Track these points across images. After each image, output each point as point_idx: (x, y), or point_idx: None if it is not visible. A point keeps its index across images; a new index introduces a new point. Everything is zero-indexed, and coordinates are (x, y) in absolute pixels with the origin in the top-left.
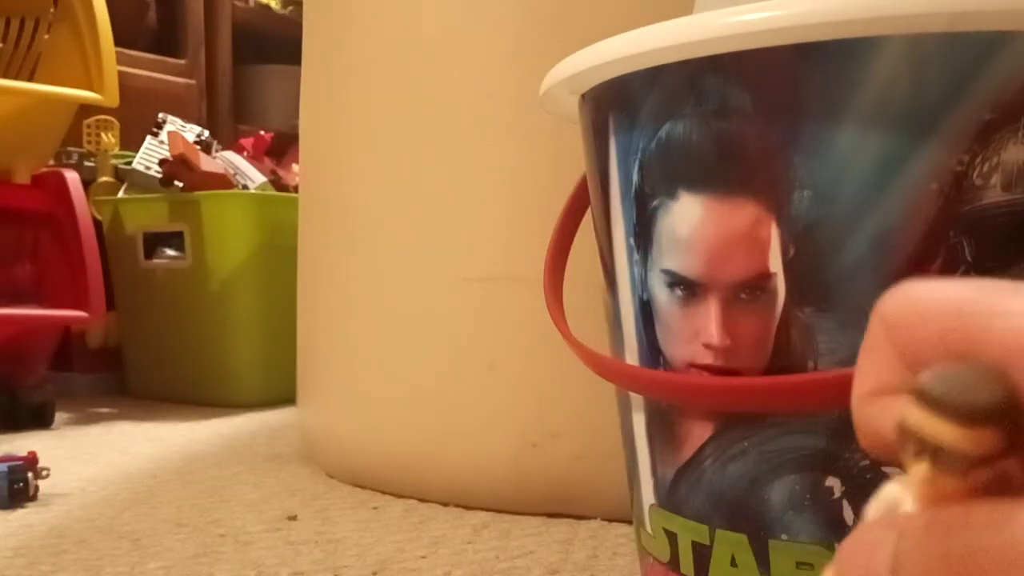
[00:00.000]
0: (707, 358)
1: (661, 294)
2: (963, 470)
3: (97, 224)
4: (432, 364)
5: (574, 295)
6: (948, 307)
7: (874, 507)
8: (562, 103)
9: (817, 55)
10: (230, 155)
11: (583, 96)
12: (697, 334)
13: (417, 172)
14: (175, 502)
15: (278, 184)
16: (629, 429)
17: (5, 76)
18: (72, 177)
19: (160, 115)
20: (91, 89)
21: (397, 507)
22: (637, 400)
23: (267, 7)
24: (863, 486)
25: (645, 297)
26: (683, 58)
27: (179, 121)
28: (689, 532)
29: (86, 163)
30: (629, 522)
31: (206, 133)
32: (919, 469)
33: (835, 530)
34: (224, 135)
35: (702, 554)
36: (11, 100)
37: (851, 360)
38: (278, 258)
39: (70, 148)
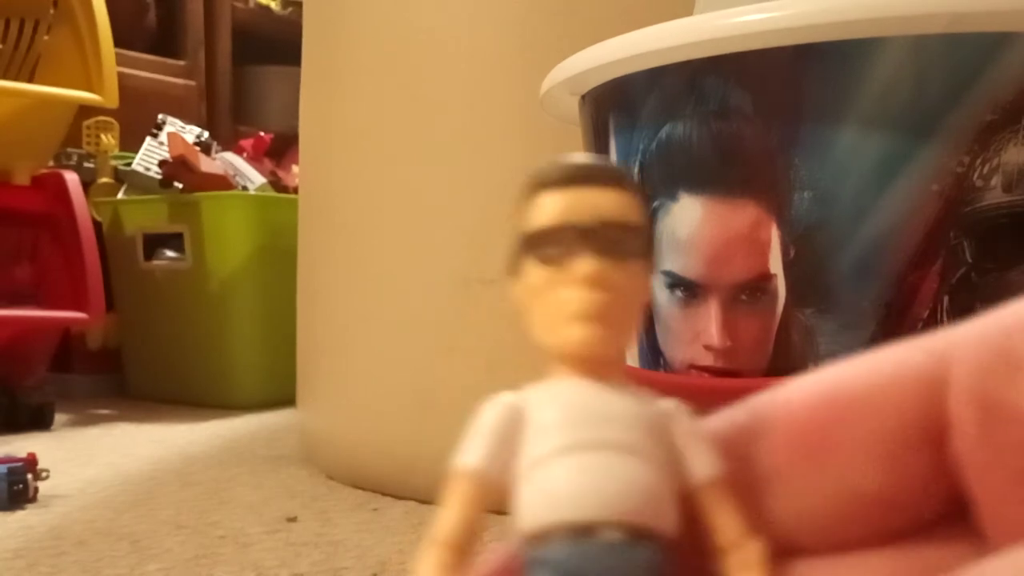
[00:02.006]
0: (707, 359)
1: (661, 296)
2: (639, 243)
3: (97, 225)
4: (431, 366)
5: None
6: None
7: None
8: (562, 104)
9: (818, 56)
10: (230, 156)
11: (583, 97)
12: (697, 336)
13: (417, 173)
14: (175, 504)
15: (278, 185)
16: None
17: (5, 77)
18: (72, 178)
19: (160, 116)
20: (91, 90)
21: (397, 508)
22: None
23: (267, 8)
24: None
25: None
26: (684, 59)
27: (179, 122)
28: None
29: (86, 164)
30: None
31: (206, 134)
32: (579, 270)
33: None
34: (224, 136)
35: None
36: (11, 101)
37: None
38: (278, 259)
39: (70, 149)
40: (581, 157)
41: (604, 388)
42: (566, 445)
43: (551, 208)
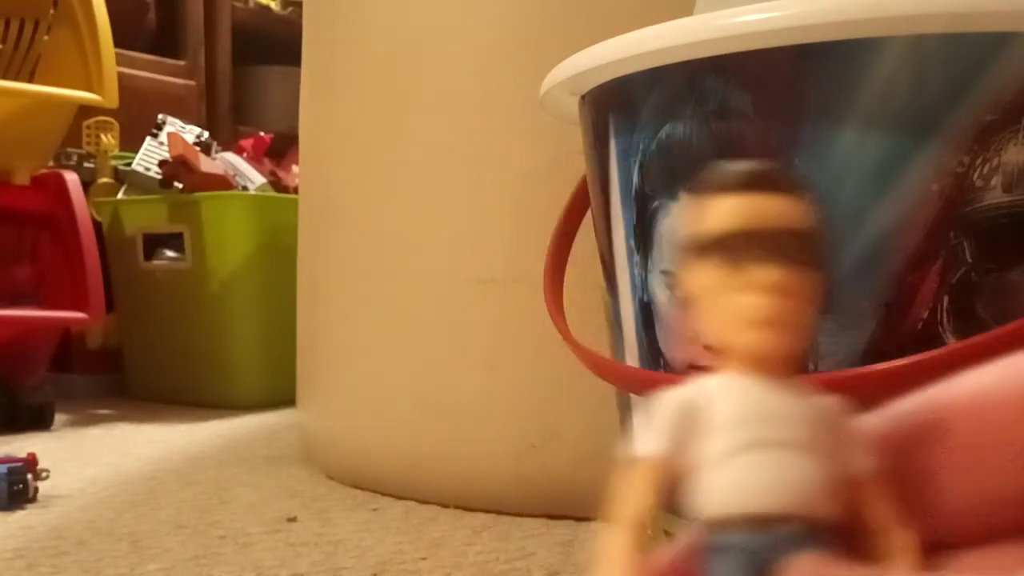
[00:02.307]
0: (708, 359)
1: (661, 295)
2: (817, 251)
3: (97, 225)
4: (432, 365)
5: (574, 296)
6: None
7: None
8: (562, 104)
9: (818, 56)
10: (230, 156)
11: (583, 97)
12: (698, 336)
13: (417, 173)
14: (175, 503)
15: (278, 185)
16: (630, 431)
17: (5, 77)
18: (72, 178)
19: (160, 116)
20: (91, 90)
21: (397, 509)
22: (637, 402)
23: (267, 8)
24: None
25: (645, 298)
26: (684, 59)
27: (179, 122)
28: None
29: (86, 164)
30: None
31: (206, 134)
32: (760, 277)
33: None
34: (224, 136)
35: None
36: (11, 101)
37: (851, 361)
38: (278, 259)
39: (70, 149)
40: (758, 162)
41: (776, 387)
42: (746, 442)
43: (732, 212)
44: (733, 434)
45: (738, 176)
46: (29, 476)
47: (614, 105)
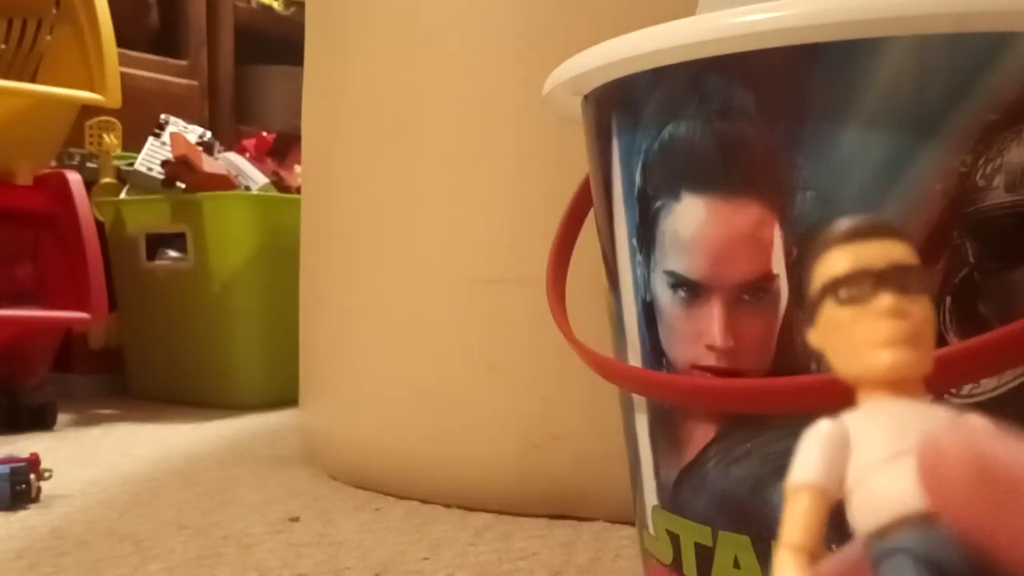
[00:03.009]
0: (710, 359)
1: (664, 295)
2: (927, 282)
3: (99, 225)
4: (434, 365)
5: (577, 296)
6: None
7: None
8: (565, 104)
9: (821, 56)
10: (232, 156)
11: (586, 97)
12: (700, 335)
13: (419, 173)
14: (177, 504)
15: (280, 185)
16: (632, 431)
17: (7, 77)
18: (74, 178)
19: (162, 116)
20: (93, 90)
21: (399, 509)
22: (640, 402)
23: (269, 8)
24: None
25: (648, 298)
26: (686, 59)
27: (181, 122)
28: (692, 534)
29: (88, 164)
30: (632, 524)
31: (208, 134)
32: (881, 305)
33: (837, 532)
34: (226, 136)
35: (705, 556)
36: (13, 101)
37: None
38: (280, 259)
39: (72, 149)
40: (859, 217)
41: (913, 404)
42: (891, 453)
43: (847, 258)
44: (882, 448)
45: (847, 230)
46: (32, 476)
47: (617, 105)
